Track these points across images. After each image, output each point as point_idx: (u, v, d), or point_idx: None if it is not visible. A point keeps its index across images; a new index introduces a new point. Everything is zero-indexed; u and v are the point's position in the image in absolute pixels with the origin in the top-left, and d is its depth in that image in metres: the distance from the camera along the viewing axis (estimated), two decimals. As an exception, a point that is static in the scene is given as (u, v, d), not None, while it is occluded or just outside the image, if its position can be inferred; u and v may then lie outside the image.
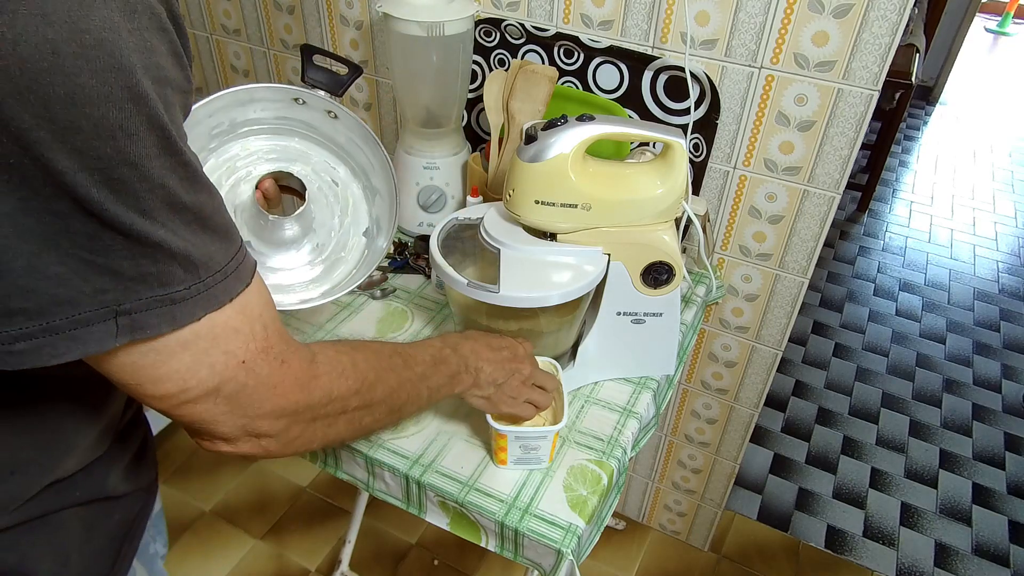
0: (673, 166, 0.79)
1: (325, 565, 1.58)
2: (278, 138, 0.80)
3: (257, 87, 0.75)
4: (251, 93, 0.75)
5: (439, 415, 0.86)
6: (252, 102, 0.77)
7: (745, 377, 1.31)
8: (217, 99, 0.73)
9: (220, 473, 1.77)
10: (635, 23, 1.04)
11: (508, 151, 1.02)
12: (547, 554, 0.74)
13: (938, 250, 2.83)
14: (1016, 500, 1.82)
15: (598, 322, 0.88)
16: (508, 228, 0.83)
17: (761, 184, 1.08)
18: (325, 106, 0.78)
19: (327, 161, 0.83)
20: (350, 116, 0.79)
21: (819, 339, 2.33)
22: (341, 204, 0.82)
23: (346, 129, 0.80)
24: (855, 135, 0.98)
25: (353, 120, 0.79)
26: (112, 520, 0.61)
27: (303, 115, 0.80)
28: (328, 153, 0.83)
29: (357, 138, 0.81)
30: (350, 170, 0.83)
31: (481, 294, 0.76)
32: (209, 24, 1.48)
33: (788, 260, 1.13)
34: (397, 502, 0.84)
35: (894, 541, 1.71)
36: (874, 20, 0.89)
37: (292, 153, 0.81)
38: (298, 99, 0.77)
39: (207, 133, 0.76)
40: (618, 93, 1.09)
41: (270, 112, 0.78)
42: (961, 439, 1.99)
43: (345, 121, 0.80)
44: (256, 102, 0.77)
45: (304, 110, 0.79)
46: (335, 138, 0.82)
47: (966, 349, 2.33)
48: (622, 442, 0.84)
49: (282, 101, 0.78)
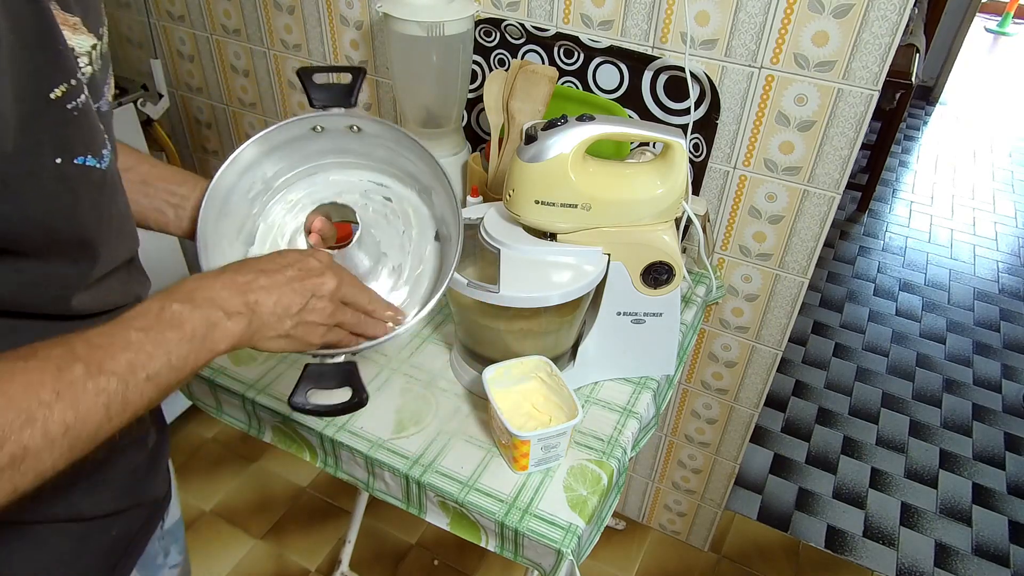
0: (673, 166, 0.79)
1: (325, 565, 1.58)
2: (314, 179, 0.75)
3: (272, 131, 0.69)
4: (268, 140, 0.70)
5: (439, 415, 0.87)
6: (273, 151, 0.71)
7: (745, 377, 1.31)
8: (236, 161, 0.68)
9: (220, 473, 1.77)
10: (635, 23, 1.04)
11: (508, 151, 1.02)
12: (547, 554, 0.74)
13: (938, 250, 2.82)
14: (1016, 500, 1.82)
15: (598, 322, 0.88)
16: (508, 228, 0.83)
17: (761, 184, 1.08)
18: (345, 122, 0.71)
19: (371, 180, 0.76)
20: (373, 122, 0.72)
21: (819, 339, 2.33)
22: (402, 217, 0.75)
23: (375, 137, 0.73)
24: (855, 135, 0.98)
25: (378, 125, 0.72)
26: (108, 536, 0.59)
27: (328, 143, 0.73)
28: (368, 171, 0.76)
29: (390, 142, 0.73)
30: (397, 180, 0.76)
31: (481, 294, 0.76)
32: (209, 24, 1.48)
33: (788, 260, 1.13)
34: (397, 502, 0.84)
35: (894, 541, 1.71)
36: (874, 20, 0.89)
37: (334, 187, 0.75)
38: (315, 127, 0.71)
39: (245, 198, 0.71)
40: (618, 93, 1.09)
41: (296, 155, 0.73)
42: (961, 439, 1.99)
43: (370, 129, 0.72)
44: (277, 150, 0.71)
45: (327, 137, 0.72)
46: (370, 153, 0.75)
47: (966, 349, 2.32)
48: (622, 442, 0.84)
49: (301, 138, 0.72)
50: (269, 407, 0.87)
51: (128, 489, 0.60)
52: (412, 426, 0.85)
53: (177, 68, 1.62)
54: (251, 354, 0.94)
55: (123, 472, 0.60)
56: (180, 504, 0.79)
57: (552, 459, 0.79)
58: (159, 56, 1.59)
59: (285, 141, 0.71)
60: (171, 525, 0.73)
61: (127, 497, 0.60)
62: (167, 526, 0.71)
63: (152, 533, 0.65)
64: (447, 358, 0.95)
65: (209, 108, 1.66)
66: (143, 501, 0.63)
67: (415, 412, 0.87)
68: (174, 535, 0.74)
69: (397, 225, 0.74)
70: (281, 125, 0.69)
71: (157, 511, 0.66)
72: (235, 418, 0.94)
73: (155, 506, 0.65)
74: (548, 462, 0.80)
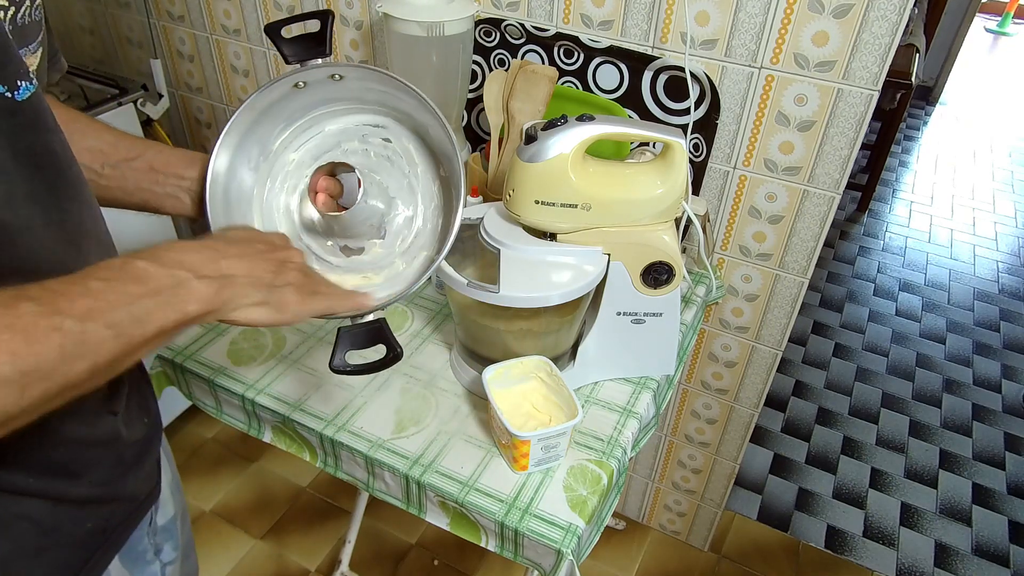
0: (673, 166, 0.79)
1: (325, 565, 1.58)
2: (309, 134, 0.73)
3: (255, 97, 0.68)
4: (253, 106, 0.69)
5: (439, 415, 0.87)
6: (262, 117, 0.71)
7: (745, 377, 1.31)
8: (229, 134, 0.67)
9: (220, 473, 1.77)
10: (635, 23, 1.04)
11: (508, 151, 1.02)
12: (547, 554, 0.74)
13: (938, 250, 2.82)
14: (1016, 500, 1.82)
15: (598, 322, 0.88)
16: (508, 228, 0.83)
17: (761, 184, 1.08)
18: (325, 72, 0.69)
19: (367, 123, 0.73)
20: (354, 68, 0.69)
21: (819, 339, 2.33)
22: (405, 156, 0.73)
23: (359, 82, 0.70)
24: (855, 135, 0.98)
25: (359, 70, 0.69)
26: (81, 530, 0.57)
27: (314, 96, 0.72)
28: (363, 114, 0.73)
29: (374, 83, 0.71)
30: (393, 119, 0.73)
31: (481, 294, 0.76)
32: (209, 24, 1.48)
33: (788, 260, 1.13)
34: (397, 502, 0.84)
35: (894, 541, 1.71)
36: (874, 20, 0.89)
37: (332, 138, 0.73)
38: (297, 84, 0.69)
39: (249, 167, 0.70)
40: (618, 93, 1.09)
41: (284, 116, 0.72)
42: (961, 439, 1.99)
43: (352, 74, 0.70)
44: (266, 117, 0.71)
45: (311, 91, 0.71)
46: (360, 97, 0.72)
47: (966, 349, 2.32)
48: (622, 442, 0.84)
49: (286, 98, 0.71)
50: (269, 407, 0.87)
51: (107, 479, 0.58)
52: (412, 426, 0.85)
53: (177, 68, 1.62)
54: (251, 354, 0.94)
55: (103, 459, 0.58)
56: (182, 503, 0.78)
57: (552, 459, 0.79)
58: (159, 56, 1.59)
59: (271, 104, 0.70)
60: (166, 522, 0.71)
61: (105, 487, 0.58)
62: (160, 523, 0.70)
63: (134, 528, 0.64)
64: (447, 358, 0.95)
65: (209, 108, 1.66)
66: (122, 496, 0.61)
67: (415, 412, 0.87)
68: (169, 532, 0.72)
69: (401, 166, 0.73)
70: (263, 89, 0.68)
71: (139, 508, 0.64)
72: (235, 418, 0.94)
73: (137, 503, 0.63)
74: (548, 462, 0.80)
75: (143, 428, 0.63)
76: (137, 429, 0.62)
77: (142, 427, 0.63)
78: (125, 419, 0.60)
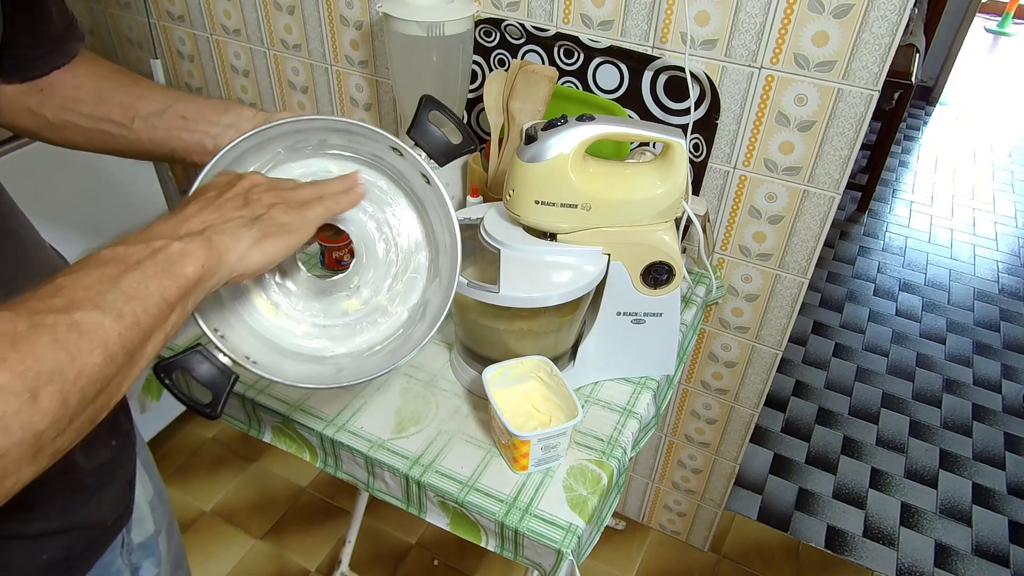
0: (673, 166, 0.79)
1: (325, 565, 1.58)
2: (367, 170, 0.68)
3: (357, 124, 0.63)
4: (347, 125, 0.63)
5: (439, 415, 0.87)
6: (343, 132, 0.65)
7: (745, 377, 1.31)
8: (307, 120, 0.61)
9: (220, 473, 1.77)
10: (635, 23, 1.04)
11: (508, 151, 1.02)
12: (547, 554, 0.74)
13: (938, 250, 2.82)
14: (1016, 500, 1.82)
15: (598, 322, 0.88)
16: (508, 228, 0.83)
17: (761, 184, 1.08)
18: (421, 169, 0.65)
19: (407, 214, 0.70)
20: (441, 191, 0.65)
21: (819, 339, 2.33)
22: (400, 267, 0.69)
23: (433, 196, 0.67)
24: (855, 135, 0.98)
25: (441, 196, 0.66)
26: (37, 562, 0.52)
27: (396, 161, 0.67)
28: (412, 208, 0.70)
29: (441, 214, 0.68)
30: (425, 234, 0.70)
31: (481, 294, 0.76)
32: (209, 24, 1.48)
33: (788, 260, 1.13)
34: (397, 502, 0.84)
35: (894, 541, 1.71)
36: (874, 20, 0.89)
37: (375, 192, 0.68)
38: (396, 148, 0.65)
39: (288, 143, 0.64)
40: (618, 93, 1.09)
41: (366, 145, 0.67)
42: (961, 439, 1.99)
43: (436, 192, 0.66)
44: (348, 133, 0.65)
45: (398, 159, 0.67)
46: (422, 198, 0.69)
47: (966, 349, 2.33)
48: (622, 442, 0.84)
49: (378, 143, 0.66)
50: (269, 407, 0.87)
51: (64, 509, 0.53)
52: (412, 426, 0.85)
53: (177, 68, 1.62)
54: (251, 354, 0.94)
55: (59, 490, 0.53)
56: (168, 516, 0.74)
57: (552, 459, 0.79)
58: (159, 56, 1.59)
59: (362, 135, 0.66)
60: (144, 539, 0.67)
61: (62, 518, 0.53)
62: (138, 541, 0.66)
63: (101, 555, 0.59)
64: (447, 358, 0.95)
65: (209, 108, 1.66)
66: (84, 524, 0.56)
67: (415, 412, 0.87)
68: (149, 549, 0.68)
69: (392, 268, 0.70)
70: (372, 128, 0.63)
71: (106, 534, 0.59)
72: (235, 418, 0.94)
73: (103, 529, 0.58)
74: (548, 462, 0.80)
75: (108, 451, 0.59)
76: (101, 453, 0.58)
77: (107, 450, 0.59)
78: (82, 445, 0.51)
